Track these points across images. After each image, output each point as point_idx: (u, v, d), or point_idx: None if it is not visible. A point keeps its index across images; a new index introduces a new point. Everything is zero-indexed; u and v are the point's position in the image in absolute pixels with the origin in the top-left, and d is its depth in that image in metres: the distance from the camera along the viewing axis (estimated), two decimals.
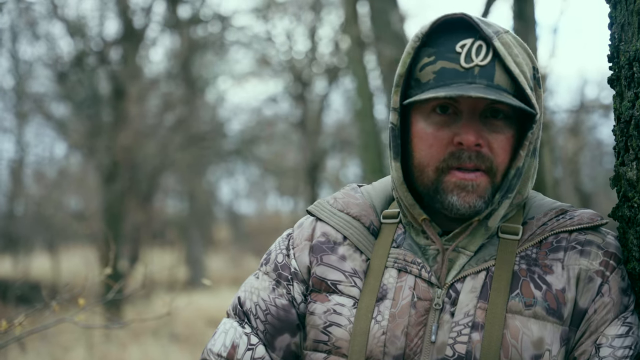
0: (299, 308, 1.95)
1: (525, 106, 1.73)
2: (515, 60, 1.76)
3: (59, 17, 16.50)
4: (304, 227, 2.04)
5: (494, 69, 1.76)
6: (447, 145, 1.78)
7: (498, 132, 1.78)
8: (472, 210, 1.78)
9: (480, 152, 1.77)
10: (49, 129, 19.25)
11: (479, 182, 1.77)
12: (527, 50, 1.83)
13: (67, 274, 16.70)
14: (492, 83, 1.75)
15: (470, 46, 1.77)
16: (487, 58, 1.76)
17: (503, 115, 1.78)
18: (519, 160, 1.79)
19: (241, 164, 26.76)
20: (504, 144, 1.78)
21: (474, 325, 1.77)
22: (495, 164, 1.78)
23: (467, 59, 1.76)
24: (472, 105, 1.77)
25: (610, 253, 1.84)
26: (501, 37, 1.78)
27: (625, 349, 1.76)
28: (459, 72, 1.76)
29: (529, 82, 1.77)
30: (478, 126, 1.77)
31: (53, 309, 3.80)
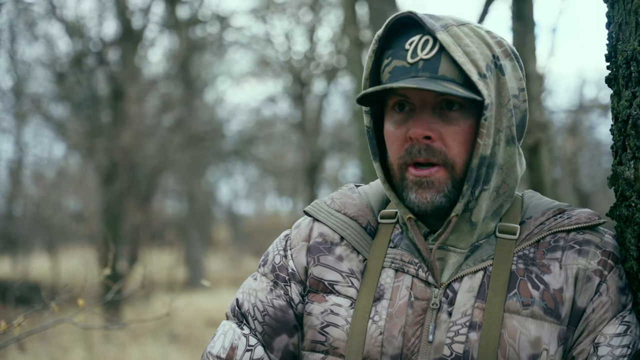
0: (296, 309, 1.95)
1: (463, 93, 1.72)
2: (464, 50, 1.76)
3: (57, 18, 16.52)
4: (301, 227, 2.04)
5: (439, 60, 1.77)
6: (403, 142, 1.80)
7: (452, 123, 1.78)
8: (432, 205, 1.79)
9: (430, 146, 1.77)
10: (48, 129, 19.26)
11: (434, 178, 1.78)
12: (485, 40, 1.82)
13: (66, 274, 16.70)
14: (435, 75, 1.76)
15: (418, 42, 1.79)
16: (433, 51, 1.77)
17: (458, 106, 1.78)
18: (479, 149, 1.77)
19: (240, 165, 26.78)
20: (459, 136, 1.78)
21: (471, 325, 1.77)
22: (450, 156, 1.78)
23: (413, 55, 1.79)
24: (422, 99, 1.78)
25: (609, 252, 1.83)
26: (450, 29, 1.78)
27: (623, 348, 1.76)
28: (406, 68, 1.79)
29: (480, 70, 1.76)
30: (429, 119, 1.78)
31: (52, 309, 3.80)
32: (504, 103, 1.80)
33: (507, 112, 1.81)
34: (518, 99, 1.85)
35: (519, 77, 1.86)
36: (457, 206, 1.79)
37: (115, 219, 15.96)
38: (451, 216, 1.80)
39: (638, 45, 1.80)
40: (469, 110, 1.79)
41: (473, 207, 1.82)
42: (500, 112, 1.80)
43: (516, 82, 1.85)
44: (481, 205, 1.83)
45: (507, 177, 1.87)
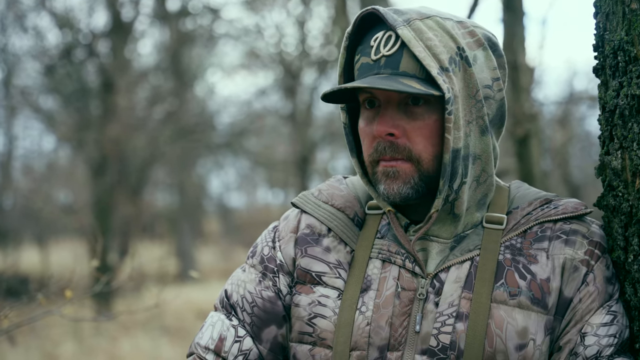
0: (284, 300, 1.95)
1: (419, 90, 1.71)
2: (426, 44, 1.75)
3: (47, 10, 16.46)
4: (289, 219, 2.04)
5: (401, 56, 1.76)
6: (373, 139, 1.81)
7: (417, 119, 1.78)
8: (399, 195, 1.79)
9: (394, 143, 1.78)
10: (38, 122, 19.22)
11: (400, 169, 1.78)
12: (449, 32, 1.80)
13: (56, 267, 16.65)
14: (396, 71, 1.76)
15: (381, 38, 1.79)
16: (395, 47, 1.77)
17: (423, 101, 1.78)
18: (449, 144, 1.76)
19: (231, 157, 26.74)
20: (424, 131, 1.77)
21: (458, 315, 1.77)
22: (415, 152, 1.78)
23: (376, 51, 1.79)
24: (386, 96, 1.79)
25: (595, 242, 1.84)
26: (413, 24, 1.77)
27: (610, 338, 1.77)
28: (369, 65, 1.80)
29: (442, 63, 1.74)
30: (394, 116, 1.78)
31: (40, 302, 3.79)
32: (472, 94, 1.79)
33: (477, 102, 1.80)
34: (491, 89, 1.84)
35: (493, 66, 1.84)
36: (435, 202, 1.79)
37: (106, 212, 15.94)
38: (431, 212, 1.80)
39: (625, 35, 1.80)
40: (435, 105, 1.78)
41: (454, 200, 1.82)
42: (468, 103, 1.79)
43: (489, 72, 1.84)
44: (462, 198, 1.82)
45: (486, 165, 1.86)
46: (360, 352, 1.80)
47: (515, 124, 7.33)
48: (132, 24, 17.40)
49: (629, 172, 1.81)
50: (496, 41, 1.89)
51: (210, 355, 1.92)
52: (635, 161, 1.78)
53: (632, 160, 1.79)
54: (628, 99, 1.79)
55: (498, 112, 1.87)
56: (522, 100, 7.38)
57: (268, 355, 1.93)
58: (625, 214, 1.82)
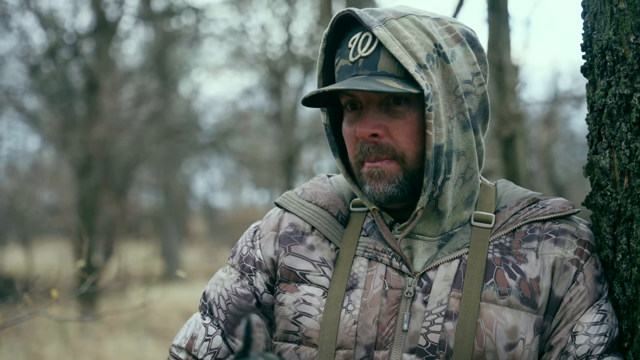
0: (262, 298, 1.95)
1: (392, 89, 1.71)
2: (402, 43, 1.76)
3: (31, 10, 16.38)
4: (270, 218, 2.04)
5: (379, 56, 1.77)
6: (355, 141, 1.82)
7: (398, 117, 1.78)
8: (385, 195, 1.80)
9: (378, 143, 1.78)
10: (22, 122, 19.10)
11: (385, 169, 1.79)
12: (426, 29, 1.80)
13: (41, 268, 16.59)
14: (375, 71, 1.77)
15: (358, 39, 1.80)
16: (372, 48, 1.78)
17: (404, 100, 1.78)
18: (431, 140, 1.76)
19: (216, 157, 26.69)
20: (406, 129, 1.78)
21: (447, 314, 1.77)
22: (399, 150, 1.78)
23: (354, 53, 1.80)
24: (366, 97, 1.80)
25: (584, 241, 1.85)
26: (389, 23, 1.78)
27: (600, 337, 1.78)
28: (348, 67, 1.81)
29: (419, 60, 1.75)
30: (375, 116, 1.79)
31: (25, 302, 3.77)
32: (452, 90, 1.80)
33: (457, 98, 1.81)
34: (472, 84, 1.84)
35: (473, 61, 1.85)
36: (420, 199, 1.79)
37: (91, 212, 15.88)
38: (416, 210, 1.80)
39: (613, 34, 1.80)
40: (416, 103, 1.79)
41: (438, 196, 1.83)
42: (448, 99, 1.80)
43: (469, 67, 1.84)
44: (446, 194, 1.83)
45: (471, 161, 1.86)
46: (347, 351, 1.80)
47: (501, 124, 7.35)
48: (117, 24, 17.32)
49: (617, 171, 1.82)
50: (475, 36, 1.90)
51: (182, 353, 1.94)
52: (624, 160, 1.78)
53: (620, 160, 1.80)
54: (616, 99, 1.79)
55: (481, 107, 1.87)
56: (507, 101, 7.40)
57: None
58: (613, 213, 1.83)
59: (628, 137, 1.77)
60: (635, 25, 1.75)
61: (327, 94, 1.84)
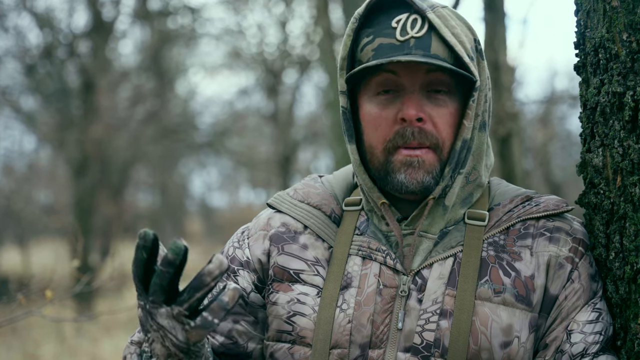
0: (248, 297, 1.94)
1: (462, 71, 1.73)
2: (452, 32, 1.77)
3: (27, 10, 16.36)
4: (260, 218, 2.03)
5: (430, 39, 1.76)
6: (392, 124, 1.78)
7: (441, 106, 1.78)
8: (421, 186, 1.78)
9: (423, 129, 1.76)
10: (18, 122, 19.07)
11: (425, 158, 1.77)
12: (466, 23, 1.83)
13: (37, 267, 16.57)
14: (428, 53, 1.75)
15: (406, 20, 1.78)
16: (423, 30, 1.76)
17: (445, 89, 1.78)
18: (464, 131, 1.77)
19: (213, 157, 26.68)
20: (448, 118, 1.78)
21: (442, 312, 1.77)
22: (441, 139, 1.78)
23: (403, 32, 1.77)
24: (411, 79, 1.77)
25: (579, 239, 1.84)
26: (437, 10, 1.78)
27: (595, 335, 1.78)
28: (395, 45, 1.77)
29: (468, 51, 1.77)
30: (420, 100, 1.77)
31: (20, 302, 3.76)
32: (483, 87, 1.81)
33: (484, 97, 1.82)
34: (488, 85, 1.86)
35: (486, 65, 1.86)
36: (436, 189, 1.79)
37: (87, 212, 15.87)
38: (428, 199, 1.79)
39: (606, 32, 1.80)
40: (454, 94, 1.79)
41: (448, 191, 1.82)
42: (480, 96, 1.81)
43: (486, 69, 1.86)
44: (454, 189, 1.83)
45: (477, 163, 1.87)
46: (341, 350, 1.79)
47: (497, 123, 7.35)
48: (113, 23, 17.31)
49: (610, 169, 1.81)
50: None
51: None
52: (617, 158, 1.78)
53: (613, 158, 1.80)
54: (609, 97, 1.79)
55: (489, 109, 1.89)
56: (503, 100, 7.40)
57: (220, 348, 1.92)
58: (606, 211, 1.83)
59: (621, 135, 1.77)
60: (628, 23, 1.75)
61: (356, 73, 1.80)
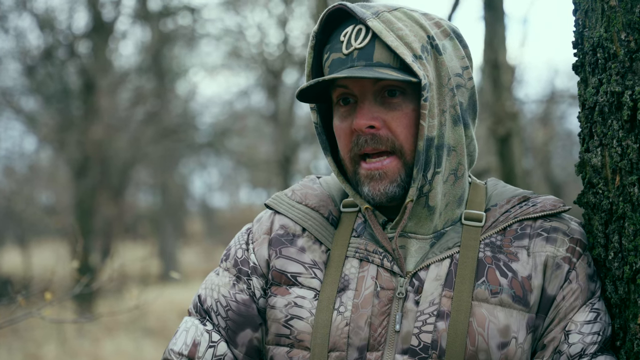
0: (259, 303, 1.93)
1: (400, 76, 1.72)
2: (397, 34, 1.76)
3: (28, 10, 16.36)
4: (262, 221, 2.02)
5: (374, 47, 1.77)
6: (350, 135, 1.80)
7: (395, 109, 1.78)
8: (385, 196, 1.79)
9: (376, 135, 1.77)
10: (19, 123, 19.08)
11: (386, 169, 1.78)
12: (418, 21, 1.82)
13: (38, 268, 16.59)
14: (371, 62, 1.76)
15: (351, 32, 1.80)
16: (366, 39, 1.78)
17: (399, 92, 1.78)
18: (424, 131, 1.76)
19: (214, 157, 26.68)
20: (403, 121, 1.78)
21: (439, 314, 1.76)
22: (398, 142, 1.78)
23: (348, 45, 1.80)
24: (361, 89, 1.79)
25: (576, 239, 1.84)
26: (382, 15, 1.79)
27: (594, 335, 1.77)
28: (342, 59, 1.80)
29: (415, 51, 1.76)
30: (372, 108, 1.78)
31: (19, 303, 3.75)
32: (445, 83, 1.80)
33: (449, 91, 1.81)
34: (462, 77, 1.85)
35: (462, 55, 1.86)
36: (410, 191, 1.78)
37: (88, 213, 15.88)
38: (406, 202, 1.79)
39: (604, 31, 1.80)
40: (410, 95, 1.78)
41: (428, 192, 1.82)
42: (441, 92, 1.80)
43: (458, 60, 1.85)
44: (436, 189, 1.82)
45: (462, 158, 1.86)
46: (339, 353, 1.79)
47: (497, 123, 7.34)
48: (113, 24, 17.32)
49: (609, 169, 1.81)
50: (460, 33, 1.90)
51: None
52: (615, 158, 1.78)
53: (612, 158, 1.79)
54: (607, 96, 1.79)
55: (470, 101, 1.87)
56: (503, 99, 7.40)
57: (244, 359, 1.92)
58: (605, 211, 1.82)
59: (620, 135, 1.76)
60: (626, 23, 1.75)
61: (319, 88, 1.83)
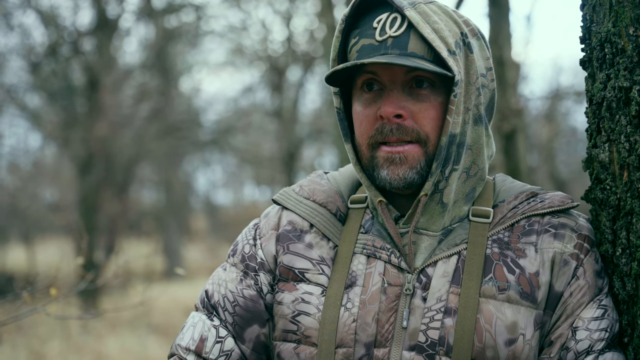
0: (266, 298, 1.93)
1: (436, 68, 1.71)
2: (433, 27, 1.76)
3: (32, 8, 16.39)
4: (269, 216, 2.02)
5: (408, 37, 1.76)
6: (374, 122, 1.79)
7: (423, 100, 1.77)
8: (404, 182, 1.77)
9: (402, 125, 1.76)
10: (23, 120, 19.12)
11: (407, 154, 1.76)
12: (452, 17, 1.82)
13: (42, 265, 16.62)
14: (405, 51, 1.75)
15: (386, 20, 1.79)
16: (401, 28, 1.76)
17: (428, 83, 1.77)
18: (448, 127, 1.76)
19: (217, 154, 26.70)
20: (430, 113, 1.77)
21: (446, 310, 1.76)
22: (424, 133, 1.77)
23: (382, 32, 1.78)
24: (391, 77, 1.77)
25: (584, 236, 1.83)
26: (418, 6, 1.78)
27: (601, 332, 1.76)
28: (374, 46, 1.78)
29: (449, 46, 1.75)
30: (400, 97, 1.77)
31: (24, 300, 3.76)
32: (472, 81, 1.79)
33: (475, 90, 1.80)
34: (486, 78, 1.85)
35: (486, 56, 1.85)
36: (425, 185, 1.78)
37: (92, 210, 15.90)
38: (420, 195, 1.78)
39: (612, 27, 1.79)
40: (439, 88, 1.77)
41: (443, 188, 1.81)
42: (468, 90, 1.79)
43: (483, 61, 1.84)
44: (451, 186, 1.81)
45: (477, 157, 1.85)
46: (346, 349, 1.79)
47: (502, 120, 7.33)
48: (118, 21, 17.35)
49: (616, 164, 1.80)
50: (483, 35, 1.89)
51: (191, 356, 1.90)
52: (623, 154, 1.77)
53: (619, 153, 1.78)
54: (615, 92, 1.78)
55: (490, 102, 1.87)
56: (508, 96, 7.39)
57: (251, 355, 1.91)
58: (613, 207, 1.81)
59: (627, 130, 1.76)
60: (635, 17, 1.74)
61: (346, 73, 1.82)
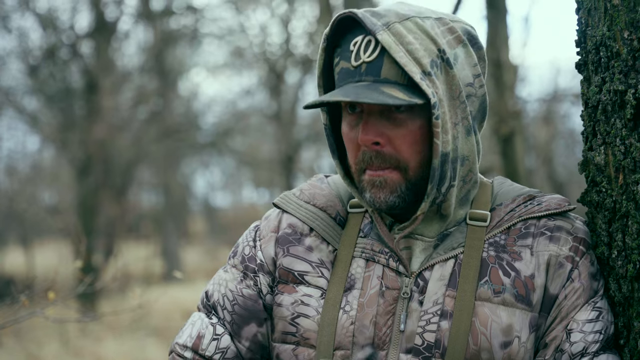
0: (265, 299, 1.94)
1: (396, 102, 1.66)
2: (407, 49, 1.71)
3: (30, 10, 16.39)
4: (270, 219, 2.03)
5: (382, 62, 1.73)
6: (358, 146, 1.78)
7: (400, 126, 1.74)
8: (386, 204, 1.77)
9: (380, 152, 1.75)
10: (21, 122, 19.10)
11: (387, 178, 1.75)
12: (429, 34, 1.76)
13: (41, 268, 16.60)
14: (378, 78, 1.72)
15: (361, 43, 1.75)
16: (375, 53, 1.73)
17: (405, 107, 1.74)
18: (438, 149, 1.73)
19: (216, 156, 26.70)
20: (408, 139, 1.74)
21: (442, 313, 1.76)
22: (403, 160, 1.75)
23: (357, 57, 1.75)
24: (368, 104, 1.75)
25: (580, 238, 1.83)
26: (392, 27, 1.73)
27: (595, 334, 1.77)
28: (350, 71, 1.76)
29: (424, 67, 1.71)
30: (377, 123, 1.75)
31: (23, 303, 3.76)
32: (456, 95, 1.76)
33: (461, 104, 1.77)
34: (473, 86, 1.81)
35: (474, 62, 1.81)
36: (422, 205, 1.77)
37: (91, 212, 15.89)
38: (417, 215, 1.79)
39: (607, 30, 1.79)
40: (418, 111, 1.75)
41: (442, 202, 1.81)
42: (453, 105, 1.77)
43: (470, 69, 1.81)
44: (450, 200, 1.81)
45: (473, 165, 1.85)
46: (344, 352, 1.79)
47: (500, 122, 7.34)
48: (116, 24, 17.35)
49: (612, 167, 1.81)
50: (475, 34, 1.86)
51: (188, 352, 1.92)
52: (618, 157, 1.78)
53: (615, 156, 1.79)
54: (610, 95, 1.78)
55: (480, 108, 1.85)
56: (505, 98, 7.40)
57: (247, 354, 1.92)
58: (608, 209, 1.82)
59: (623, 134, 1.76)
60: (629, 21, 1.74)
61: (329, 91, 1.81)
